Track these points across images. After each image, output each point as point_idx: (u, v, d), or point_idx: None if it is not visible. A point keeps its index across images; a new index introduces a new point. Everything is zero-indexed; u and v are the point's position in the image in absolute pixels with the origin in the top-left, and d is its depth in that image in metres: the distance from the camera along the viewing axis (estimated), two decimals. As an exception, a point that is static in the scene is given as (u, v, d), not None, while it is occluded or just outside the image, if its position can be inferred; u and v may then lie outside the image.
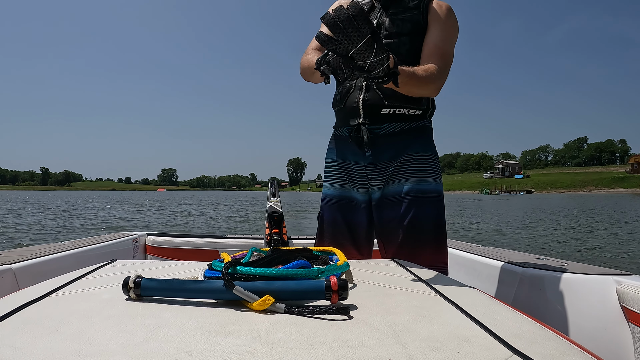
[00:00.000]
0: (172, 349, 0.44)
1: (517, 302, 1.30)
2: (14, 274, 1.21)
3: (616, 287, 1.04)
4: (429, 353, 0.44)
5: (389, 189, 1.28)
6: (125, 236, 2.03)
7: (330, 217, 1.39)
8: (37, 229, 10.36)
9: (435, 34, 1.24)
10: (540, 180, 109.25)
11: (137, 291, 0.64)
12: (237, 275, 0.65)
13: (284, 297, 0.61)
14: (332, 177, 1.40)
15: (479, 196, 67.14)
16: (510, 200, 38.91)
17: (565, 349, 0.47)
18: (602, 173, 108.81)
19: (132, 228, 10.63)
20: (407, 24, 1.27)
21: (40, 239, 8.49)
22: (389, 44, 1.27)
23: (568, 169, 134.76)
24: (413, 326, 0.53)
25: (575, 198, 50.62)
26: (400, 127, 1.28)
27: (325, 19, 0.74)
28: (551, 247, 7.49)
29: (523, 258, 1.47)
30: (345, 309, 0.57)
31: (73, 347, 0.45)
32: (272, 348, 0.45)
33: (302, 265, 0.71)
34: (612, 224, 12.39)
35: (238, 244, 2.12)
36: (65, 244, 1.66)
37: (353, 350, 0.44)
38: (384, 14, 1.31)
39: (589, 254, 6.70)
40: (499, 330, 0.51)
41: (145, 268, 0.93)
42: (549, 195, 77.46)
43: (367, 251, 1.37)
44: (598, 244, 7.78)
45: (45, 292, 0.67)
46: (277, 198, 1.99)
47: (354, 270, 0.88)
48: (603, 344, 1.03)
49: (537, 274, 1.24)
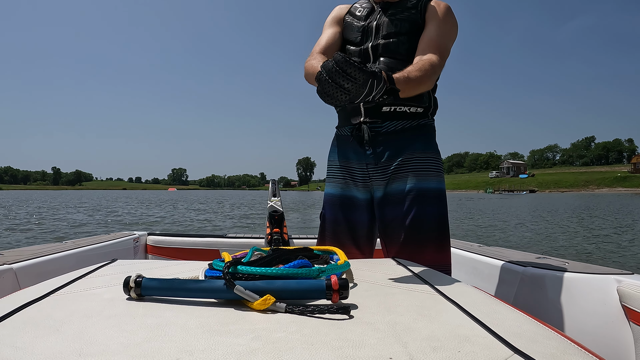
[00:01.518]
0: (173, 348, 0.44)
1: (517, 301, 1.30)
2: (14, 274, 1.21)
3: (617, 286, 1.04)
4: (429, 352, 0.44)
5: (391, 188, 1.28)
6: (126, 236, 2.03)
7: (331, 217, 1.39)
8: (81, 223, 11.65)
9: (432, 30, 1.24)
10: (544, 180, 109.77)
11: (138, 291, 0.64)
12: (238, 275, 0.65)
13: (285, 296, 0.61)
14: (334, 176, 1.41)
15: (481, 195, 67.54)
16: (509, 200, 38.99)
17: (566, 348, 0.46)
18: (605, 173, 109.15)
19: (170, 226, 11.18)
20: (405, 24, 1.28)
21: (88, 232, 9.44)
22: (388, 44, 1.28)
23: (574, 169, 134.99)
24: (414, 325, 0.53)
25: (576, 197, 50.79)
26: (401, 125, 1.28)
27: (319, 80, 0.76)
28: (544, 244, 7.54)
29: (524, 257, 1.47)
30: (346, 309, 0.57)
31: (74, 346, 0.45)
32: (272, 347, 0.45)
33: (303, 265, 0.71)
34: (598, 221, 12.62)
35: (239, 244, 2.12)
36: (66, 244, 1.66)
37: (354, 350, 0.44)
38: (383, 15, 1.32)
39: (573, 251, 6.75)
40: (500, 330, 0.51)
41: (146, 268, 0.93)
42: (551, 194, 77.57)
43: (369, 250, 1.37)
44: (590, 243, 7.82)
45: (46, 292, 0.68)
46: (278, 197, 1.99)
47: (355, 270, 0.88)
48: (604, 343, 1.03)
49: (538, 273, 1.24)
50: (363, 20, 1.35)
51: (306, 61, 1.31)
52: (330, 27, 1.41)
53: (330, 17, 1.43)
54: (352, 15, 1.40)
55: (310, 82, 1.28)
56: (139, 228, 9.29)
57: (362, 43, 1.34)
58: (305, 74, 1.29)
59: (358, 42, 1.35)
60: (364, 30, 1.34)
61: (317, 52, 1.33)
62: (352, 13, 1.40)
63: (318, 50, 1.34)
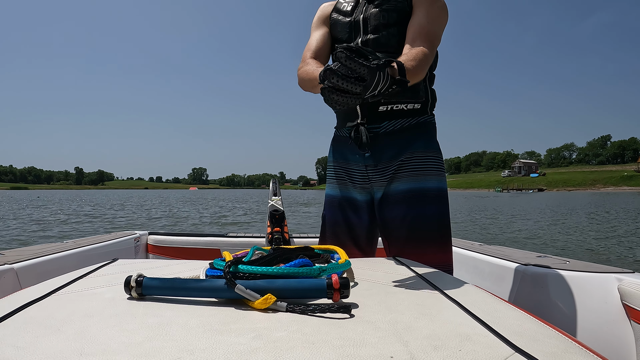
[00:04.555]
0: (174, 347, 0.44)
1: (518, 300, 1.30)
2: (15, 274, 1.21)
3: (618, 285, 1.04)
4: (430, 351, 0.44)
5: (391, 188, 1.26)
6: (126, 235, 2.03)
7: (331, 218, 1.39)
8: (148, 218, 13.78)
9: (420, 15, 1.19)
10: (553, 179, 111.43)
11: (139, 290, 0.64)
12: (239, 274, 0.65)
13: (286, 295, 0.61)
14: (333, 177, 1.40)
15: (490, 194, 67.98)
16: (513, 198, 39.10)
17: (567, 347, 0.46)
18: (613, 172, 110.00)
19: (239, 224, 11.79)
20: (393, 14, 1.23)
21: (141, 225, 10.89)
22: (378, 39, 1.24)
23: (588, 168, 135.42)
24: (415, 324, 0.53)
25: (580, 195, 50.89)
26: (400, 124, 1.26)
27: (324, 93, 0.71)
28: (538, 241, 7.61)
29: (525, 256, 1.47)
30: (346, 307, 0.57)
31: (75, 346, 0.45)
32: (273, 346, 0.45)
33: (304, 264, 0.71)
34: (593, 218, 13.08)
35: (239, 243, 2.12)
36: (67, 244, 1.66)
37: (355, 349, 0.44)
38: (369, 8, 1.27)
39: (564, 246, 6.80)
40: (501, 328, 0.51)
41: (146, 267, 0.93)
42: (559, 193, 77.93)
43: (370, 251, 1.37)
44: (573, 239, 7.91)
45: (47, 292, 0.68)
46: (279, 197, 1.99)
47: (356, 269, 0.88)
48: (605, 341, 1.03)
49: (539, 272, 1.24)
50: (349, 16, 1.31)
51: (299, 68, 1.27)
52: (318, 29, 1.37)
53: (316, 18, 1.39)
54: (337, 11, 1.35)
55: (306, 89, 1.24)
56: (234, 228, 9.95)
57: (351, 40, 1.29)
58: (300, 81, 1.24)
59: (346, 39, 1.31)
60: (351, 26, 1.29)
61: (309, 57, 1.29)
62: (337, 9, 1.36)
63: (309, 55, 1.30)
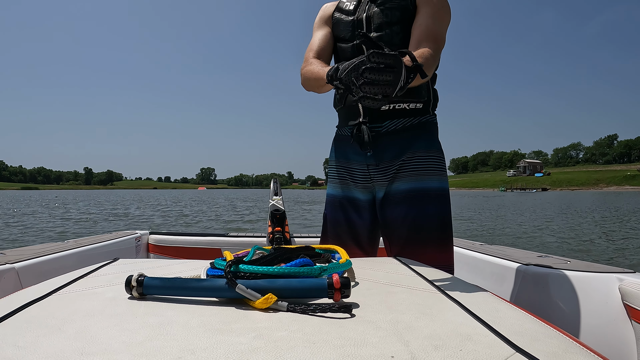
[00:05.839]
0: (174, 347, 0.44)
1: (519, 299, 1.29)
2: (16, 273, 1.21)
3: (619, 284, 1.03)
4: (431, 351, 0.44)
5: (393, 188, 1.26)
6: (127, 235, 2.04)
7: (333, 217, 1.39)
8: (179, 215, 14.67)
9: (425, 16, 1.19)
10: (557, 179, 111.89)
11: (140, 290, 0.64)
12: (240, 274, 0.65)
13: (287, 295, 0.61)
14: (335, 176, 1.40)
15: (494, 193, 68.13)
16: (514, 197, 39.15)
17: (568, 347, 0.46)
18: (617, 172, 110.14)
19: (259, 221, 12.01)
20: (396, 12, 1.23)
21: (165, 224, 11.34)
22: (381, 37, 1.23)
23: (594, 167, 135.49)
24: (415, 324, 0.52)
25: (581, 195, 50.89)
26: (402, 124, 1.26)
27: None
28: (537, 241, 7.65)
29: (525, 256, 1.47)
30: (347, 307, 0.57)
31: (76, 345, 0.45)
32: (274, 346, 0.45)
33: (305, 264, 0.71)
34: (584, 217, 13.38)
35: (240, 242, 2.12)
36: (67, 243, 1.66)
37: (355, 348, 0.44)
38: (372, 6, 1.27)
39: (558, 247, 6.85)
40: (502, 328, 0.51)
41: (147, 267, 0.93)
42: (562, 192, 78.07)
43: (371, 250, 1.37)
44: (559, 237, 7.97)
45: (48, 291, 0.68)
46: (280, 196, 1.99)
47: (357, 269, 0.88)
48: (606, 341, 1.03)
49: (540, 272, 1.24)
50: (351, 15, 1.31)
51: (302, 68, 1.27)
52: (320, 29, 1.37)
53: (318, 18, 1.39)
54: (340, 11, 1.35)
55: (309, 89, 1.23)
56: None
57: (353, 39, 1.29)
58: (304, 81, 1.24)
59: (349, 38, 1.30)
60: (354, 25, 1.29)
61: (312, 57, 1.29)
62: (339, 9, 1.36)
63: (312, 55, 1.30)
